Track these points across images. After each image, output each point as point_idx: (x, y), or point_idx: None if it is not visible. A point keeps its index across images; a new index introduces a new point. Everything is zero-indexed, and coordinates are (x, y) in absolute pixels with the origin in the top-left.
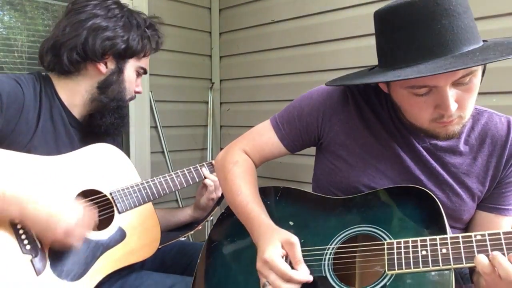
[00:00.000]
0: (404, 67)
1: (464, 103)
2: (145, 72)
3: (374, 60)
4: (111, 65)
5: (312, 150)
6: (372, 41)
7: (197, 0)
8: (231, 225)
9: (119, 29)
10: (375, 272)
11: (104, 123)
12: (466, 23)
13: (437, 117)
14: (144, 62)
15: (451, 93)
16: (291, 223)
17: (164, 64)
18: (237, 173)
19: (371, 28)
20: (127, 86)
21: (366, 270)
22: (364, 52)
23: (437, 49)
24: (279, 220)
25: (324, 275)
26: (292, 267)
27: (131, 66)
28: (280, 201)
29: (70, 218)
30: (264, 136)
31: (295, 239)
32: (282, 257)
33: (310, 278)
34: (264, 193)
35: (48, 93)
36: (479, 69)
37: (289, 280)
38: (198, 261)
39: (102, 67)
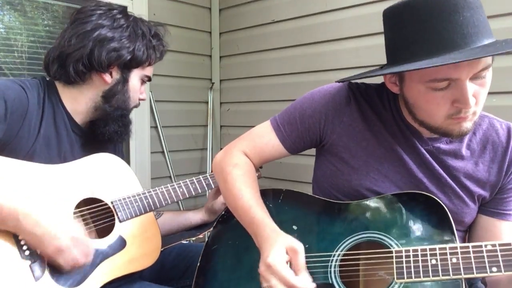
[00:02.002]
0: (427, 58)
1: (479, 98)
2: (149, 80)
3: (374, 60)
4: (116, 75)
5: (313, 150)
6: (372, 41)
7: (197, 0)
8: (231, 228)
9: (125, 39)
10: (382, 280)
11: (107, 131)
12: (483, 17)
13: (454, 113)
14: (149, 71)
15: (470, 87)
16: (294, 227)
17: (164, 64)
18: (238, 176)
19: (371, 28)
20: (132, 95)
21: (372, 278)
22: (364, 52)
23: (461, 41)
24: (282, 223)
25: (330, 282)
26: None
27: (135, 75)
28: (283, 204)
29: (63, 239)
30: (264, 138)
31: (299, 247)
32: (286, 263)
33: (313, 286)
34: (266, 195)
35: (51, 99)
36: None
37: (291, 286)
38: (198, 264)
39: (107, 77)
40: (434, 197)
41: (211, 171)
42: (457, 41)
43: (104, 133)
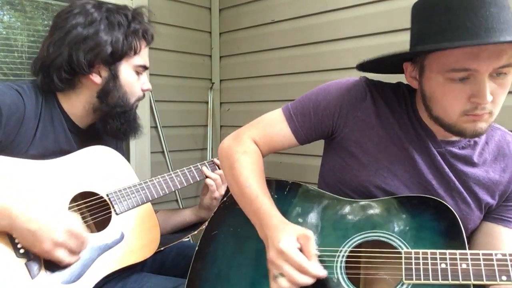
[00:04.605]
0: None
1: (497, 98)
2: (145, 68)
3: None
4: (104, 73)
5: (315, 150)
6: (372, 41)
7: (197, 0)
8: (233, 214)
9: (101, 33)
10: (387, 280)
11: (110, 130)
12: (510, 17)
13: (470, 109)
14: (140, 59)
15: (488, 83)
16: (300, 220)
17: (164, 64)
18: (246, 164)
19: (371, 28)
20: (128, 90)
21: (377, 277)
22: (364, 52)
23: (484, 34)
24: (287, 215)
25: (336, 277)
26: None
27: (126, 68)
28: (289, 196)
29: (58, 232)
30: (275, 127)
31: (311, 233)
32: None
33: (325, 274)
34: (271, 186)
35: (49, 102)
36: None
37: (305, 272)
38: (196, 248)
39: (95, 78)
40: (446, 203)
41: (210, 159)
42: (480, 33)
43: (107, 132)
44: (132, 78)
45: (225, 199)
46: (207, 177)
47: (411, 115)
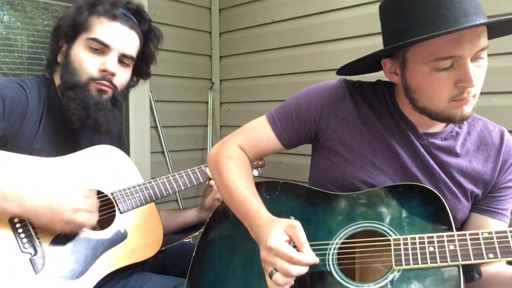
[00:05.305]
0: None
1: (479, 79)
2: (102, 44)
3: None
4: (64, 49)
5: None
6: (372, 41)
7: (197, 0)
8: (227, 219)
9: (74, 10)
10: (379, 268)
11: (63, 106)
12: (479, 2)
13: (457, 94)
14: (92, 32)
15: (471, 67)
16: (292, 217)
17: (164, 64)
18: (233, 168)
19: (371, 28)
20: (77, 65)
21: (370, 265)
22: (364, 52)
23: (462, 19)
24: (280, 214)
25: (328, 269)
26: (298, 251)
27: (78, 44)
28: (280, 195)
29: (73, 198)
30: (260, 132)
31: (297, 222)
32: (288, 243)
33: (317, 260)
34: (263, 187)
35: (51, 95)
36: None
37: (296, 262)
38: (193, 254)
39: (59, 57)
40: (431, 188)
41: None
42: (459, 19)
43: (61, 106)
44: (82, 55)
45: (218, 205)
46: (210, 179)
47: (391, 109)
